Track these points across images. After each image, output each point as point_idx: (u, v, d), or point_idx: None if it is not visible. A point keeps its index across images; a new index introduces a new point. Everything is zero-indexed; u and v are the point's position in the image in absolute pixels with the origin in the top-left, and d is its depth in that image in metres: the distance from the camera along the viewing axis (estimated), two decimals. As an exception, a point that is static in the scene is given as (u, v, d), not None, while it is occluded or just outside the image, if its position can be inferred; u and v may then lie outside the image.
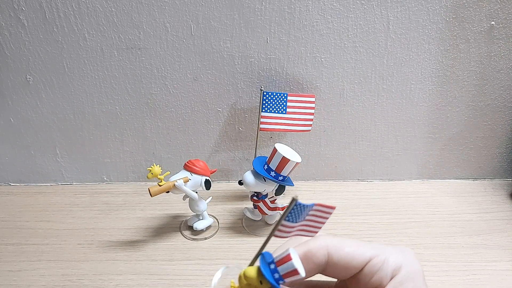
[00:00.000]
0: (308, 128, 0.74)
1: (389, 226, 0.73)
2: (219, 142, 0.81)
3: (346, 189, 0.84)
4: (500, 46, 0.73)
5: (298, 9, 0.68)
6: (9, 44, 0.69)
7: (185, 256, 0.65)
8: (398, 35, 0.71)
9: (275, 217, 0.73)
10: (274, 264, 0.25)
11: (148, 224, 0.73)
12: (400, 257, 0.25)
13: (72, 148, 0.81)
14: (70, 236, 0.69)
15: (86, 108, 0.76)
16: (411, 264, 0.25)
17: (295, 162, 0.62)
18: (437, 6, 0.69)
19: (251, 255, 0.28)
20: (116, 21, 0.68)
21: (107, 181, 0.85)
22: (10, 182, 0.84)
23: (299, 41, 0.71)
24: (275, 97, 0.71)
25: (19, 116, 0.76)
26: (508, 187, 0.86)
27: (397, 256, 0.25)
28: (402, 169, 0.86)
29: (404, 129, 0.81)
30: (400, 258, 0.25)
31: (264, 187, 0.65)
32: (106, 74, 0.73)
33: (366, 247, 0.25)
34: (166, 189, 0.62)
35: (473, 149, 0.85)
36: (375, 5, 0.68)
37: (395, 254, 0.25)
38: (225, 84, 0.75)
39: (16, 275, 0.61)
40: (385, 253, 0.25)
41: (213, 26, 0.69)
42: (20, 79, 0.73)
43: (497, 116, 0.81)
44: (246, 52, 0.72)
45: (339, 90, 0.76)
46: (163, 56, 0.71)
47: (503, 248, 0.68)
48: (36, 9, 0.66)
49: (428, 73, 0.75)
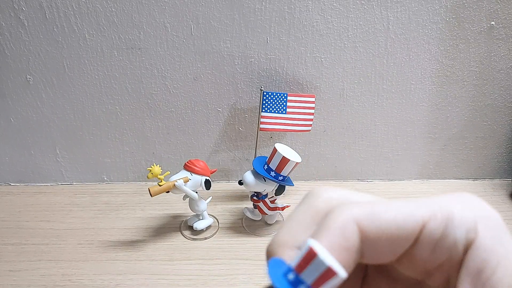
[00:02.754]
0: (308, 128, 0.74)
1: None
2: (219, 142, 0.81)
3: (346, 189, 0.84)
4: (500, 46, 0.73)
5: (298, 9, 0.68)
6: (9, 44, 0.69)
7: (185, 256, 0.65)
8: (398, 35, 0.71)
9: (275, 217, 0.73)
10: (293, 271, 0.16)
11: (148, 224, 0.73)
12: (469, 208, 0.17)
13: (72, 148, 0.81)
14: (70, 236, 0.69)
15: (86, 108, 0.76)
16: (489, 216, 0.17)
17: (295, 162, 0.62)
18: (437, 6, 0.69)
19: (251, 255, 0.26)
20: (116, 21, 0.68)
21: (107, 181, 0.85)
22: (10, 182, 0.84)
23: (299, 41, 0.71)
24: (275, 97, 0.71)
25: (19, 116, 0.76)
26: (508, 187, 0.86)
27: (465, 208, 0.17)
28: (402, 169, 0.86)
29: (404, 129, 0.81)
30: (469, 210, 0.17)
31: (264, 187, 0.65)
32: (106, 74, 0.73)
33: (414, 205, 0.17)
34: (166, 189, 0.62)
35: (473, 149, 0.85)
36: (375, 5, 0.68)
37: (460, 206, 0.17)
38: (225, 84, 0.75)
39: (16, 275, 0.61)
40: (446, 208, 0.17)
41: (213, 26, 0.69)
42: (20, 79, 0.73)
43: (497, 116, 0.81)
44: (246, 52, 0.72)
45: (339, 90, 0.76)
46: (163, 56, 0.71)
47: (503, 248, 0.68)
48: (36, 9, 0.66)
49: (428, 73, 0.75)
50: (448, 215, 0.16)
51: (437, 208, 0.17)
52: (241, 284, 0.60)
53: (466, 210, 0.17)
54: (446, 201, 0.17)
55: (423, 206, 0.17)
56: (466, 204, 0.17)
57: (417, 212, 0.17)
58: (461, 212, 0.16)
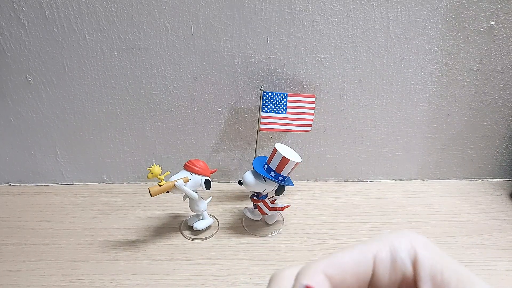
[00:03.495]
0: (308, 128, 0.74)
1: (389, 226, 0.73)
2: (219, 142, 0.81)
3: (346, 189, 0.84)
4: (500, 46, 0.73)
5: (298, 9, 0.68)
6: (9, 44, 0.69)
7: (185, 256, 0.65)
8: (398, 35, 0.71)
9: (275, 217, 0.73)
10: None
11: (148, 224, 0.73)
12: (402, 236, 0.22)
13: (72, 148, 0.81)
14: (70, 236, 0.69)
15: (86, 108, 0.76)
16: (416, 236, 0.22)
17: (295, 162, 0.62)
18: (437, 6, 0.69)
19: (251, 255, 0.27)
20: (116, 21, 0.68)
21: (107, 181, 0.85)
22: (10, 182, 0.84)
23: (299, 41, 0.71)
24: (275, 97, 0.71)
25: (19, 116, 0.76)
26: (508, 187, 0.86)
27: (399, 236, 0.22)
28: (402, 169, 0.86)
29: (404, 129, 0.81)
30: (403, 237, 0.22)
31: (264, 187, 0.65)
32: (106, 74, 0.73)
33: (363, 246, 0.22)
34: (166, 189, 0.62)
35: (473, 149, 0.85)
36: (375, 5, 0.68)
37: (395, 236, 0.22)
38: (225, 84, 0.75)
39: (16, 275, 0.61)
40: (387, 241, 0.22)
41: (213, 26, 0.69)
42: (20, 79, 0.73)
43: (497, 116, 0.81)
44: (246, 52, 0.72)
45: (339, 90, 0.76)
46: (163, 56, 0.71)
47: (502, 248, 0.68)
48: (36, 9, 0.66)
49: (428, 73, 0.75)
50: (390, 244, 0.21)
51: (381, 242, 0.22)
52: (241, 284, 0.60)
53: (400, 237, 0.22)
54: (386, 236, 0.22)
55: (370, 244, 0.22)
56: (399, 234, 0.22)
57: (368, 249, 0.21)
58: (399, 239, 0.22)
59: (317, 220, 0.74)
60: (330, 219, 0.75)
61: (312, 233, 0.71)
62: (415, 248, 0.21)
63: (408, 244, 0.21)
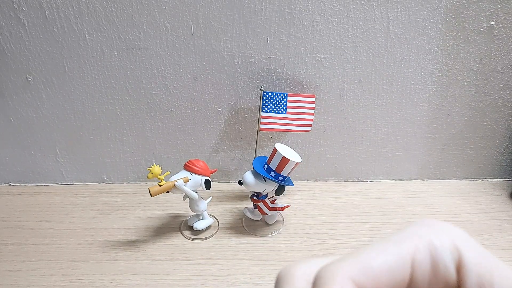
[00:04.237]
0: (308, 128, 0.74)
1: (389, 226, 0.73)
2: (219, 142, 0.81)
3: (346, 189, 0.84)
4: (500, 46, 0.73)
5: (298, 9, 0.68)
6: (9, 44, 0.69)
7: (185, 256, 0.65)
8: (398, 35, 0.71)
9: (275, 217, 0.73)
10: None
11: (148, 224, 0.73)
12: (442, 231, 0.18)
13: (72, 148, 0.81)
14: (70, 236, 0.69)
15: (86, 108, 0.76)
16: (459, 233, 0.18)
17: (295, 162, 0.62)
18: (437, 6, 0.69)
19: (251, 255, 0.26)
20: (116, 21, 0.68)
21: (107, 181, 0.85)
22: (10, 182, 0.84)
23: (299, 41, 0.71)
24: (275, 97, 0.71)
25: (19, 116, 0.76)
26: (508, 187, 0.86)
27: (438, 232, 0.18)
28: (402, 169, 0.86)
29: (404, 129, 0.81)
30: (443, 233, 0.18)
31: (264, 187, 0.65)
32: (106, 74, 0.73)
33: (395, 244, 0.18)
34: (166, 189, 0.62)
35: (473, 149, 0.85)
36: (375, 5, 0.68)
37: (432, 231, 0.18)
38: (225, 84, 0.75)
39: (16, 275, 0.61)
40: (424, 238, 0.17)
41: (213, 26, 0.69)
42: (20, 79, 0.73)
43: (497, 116, 0.81)
44: (246, 52, 0.72)
45: (339, 90, 0.76)
46: (163, 56, 0.71)
47: (503, 248, 0.68)
48: (36, 9, 0.66)
49: (428, 73, 0.75)
50: (429, 243, 0.17)
51: (417, 240, 0.17)
52: (241, 284, 0.60)
53: (440, 234, 0.17)
54: (420, 230, 0.18)
55: (404, 242, 0.17)
56: (436, 228, 0.18)
57: (402, 249, 0.17)
58: (439, 237, 0.17)
59: (317, 220, 0.74)
60: (330, 219, 0.75)
61: (312, 233, 0.71)
62: (458, 248, 0.17)
63: (450, 243, 0.17)
